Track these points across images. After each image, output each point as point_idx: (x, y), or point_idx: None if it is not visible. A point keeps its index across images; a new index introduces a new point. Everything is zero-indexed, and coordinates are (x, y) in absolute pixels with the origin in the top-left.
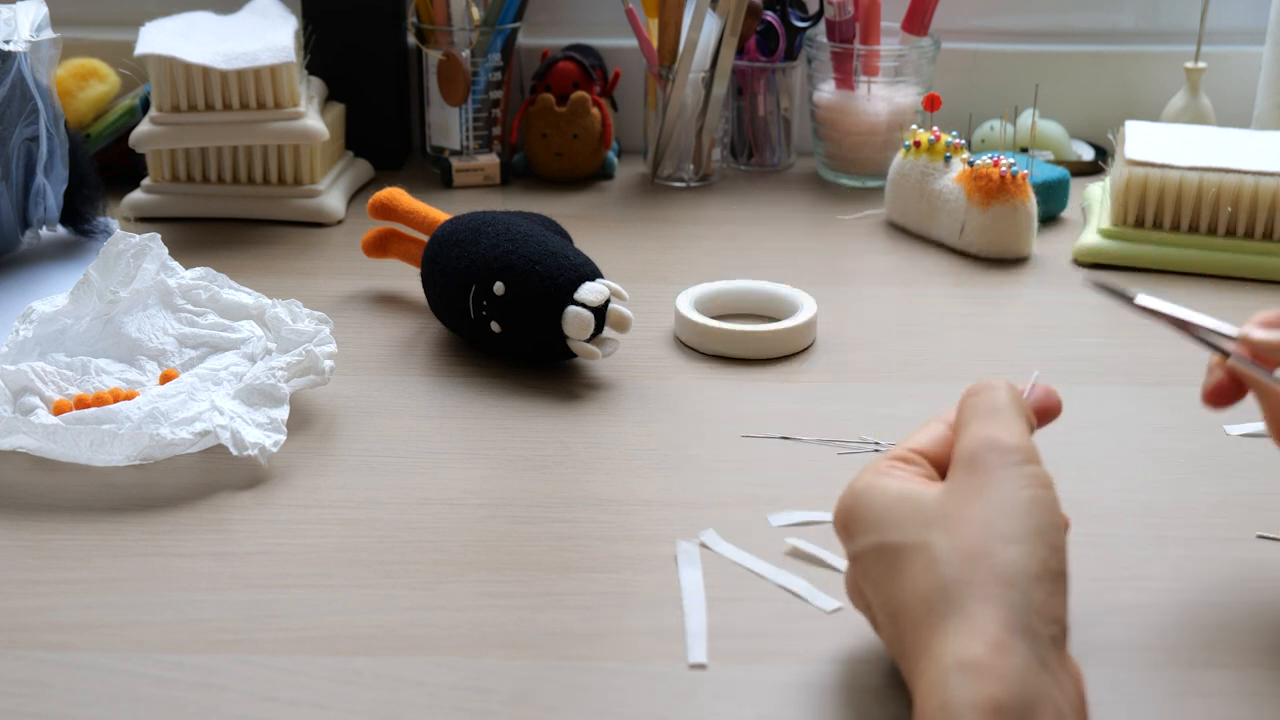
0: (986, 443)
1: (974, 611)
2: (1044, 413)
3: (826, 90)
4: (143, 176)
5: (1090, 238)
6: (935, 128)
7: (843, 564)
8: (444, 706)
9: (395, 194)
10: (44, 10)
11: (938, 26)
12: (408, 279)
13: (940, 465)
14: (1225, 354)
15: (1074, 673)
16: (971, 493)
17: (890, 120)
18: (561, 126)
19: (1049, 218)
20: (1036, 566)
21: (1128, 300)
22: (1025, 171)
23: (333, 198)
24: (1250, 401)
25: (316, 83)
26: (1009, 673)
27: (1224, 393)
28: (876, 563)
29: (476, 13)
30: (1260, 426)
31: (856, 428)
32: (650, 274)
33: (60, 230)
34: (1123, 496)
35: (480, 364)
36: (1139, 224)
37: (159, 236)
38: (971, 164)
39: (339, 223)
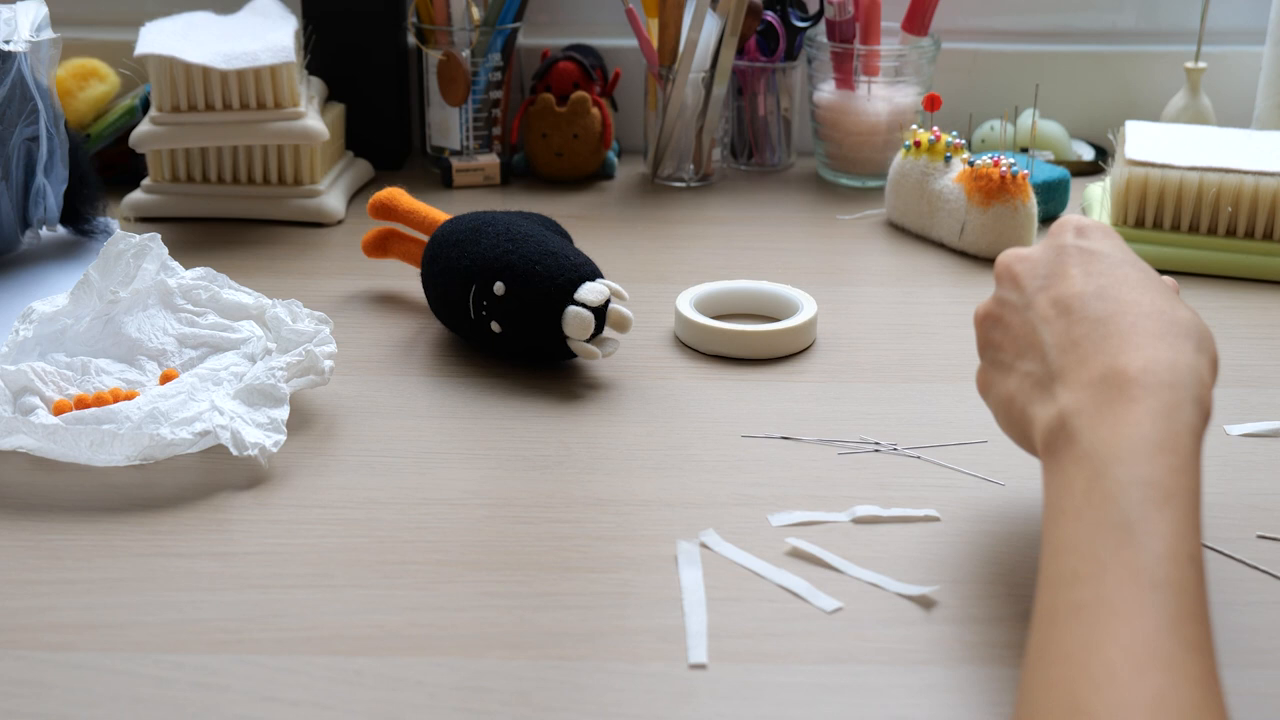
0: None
1: (1206, 358)
2: None
3: (826, 90)
4: (143, 176)
5: None
6: (935, 128)
7: (842, 564)
8: (444, 706)
9: (395, 194)
10: (44, 10)
11: (938, 26)
12: (408, 279)
13: None
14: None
15: None
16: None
17: (890, 120)
18: (561, 126)
19: (1049, 218)
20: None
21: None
22: (1025, 171)
23: (333, 198)
24: (1251, 401)
25: (316, 83)
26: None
27: None
28: (1115, 267)
29: (476, 13)
30: (1261, 426)
31: (856, 428)
32: (650, 274)
33: (60, 230)
34: None
35: (480, 364)
36: (1139, 224)
37: (159, 236)
38: (971, 164)
39: (339, 223)
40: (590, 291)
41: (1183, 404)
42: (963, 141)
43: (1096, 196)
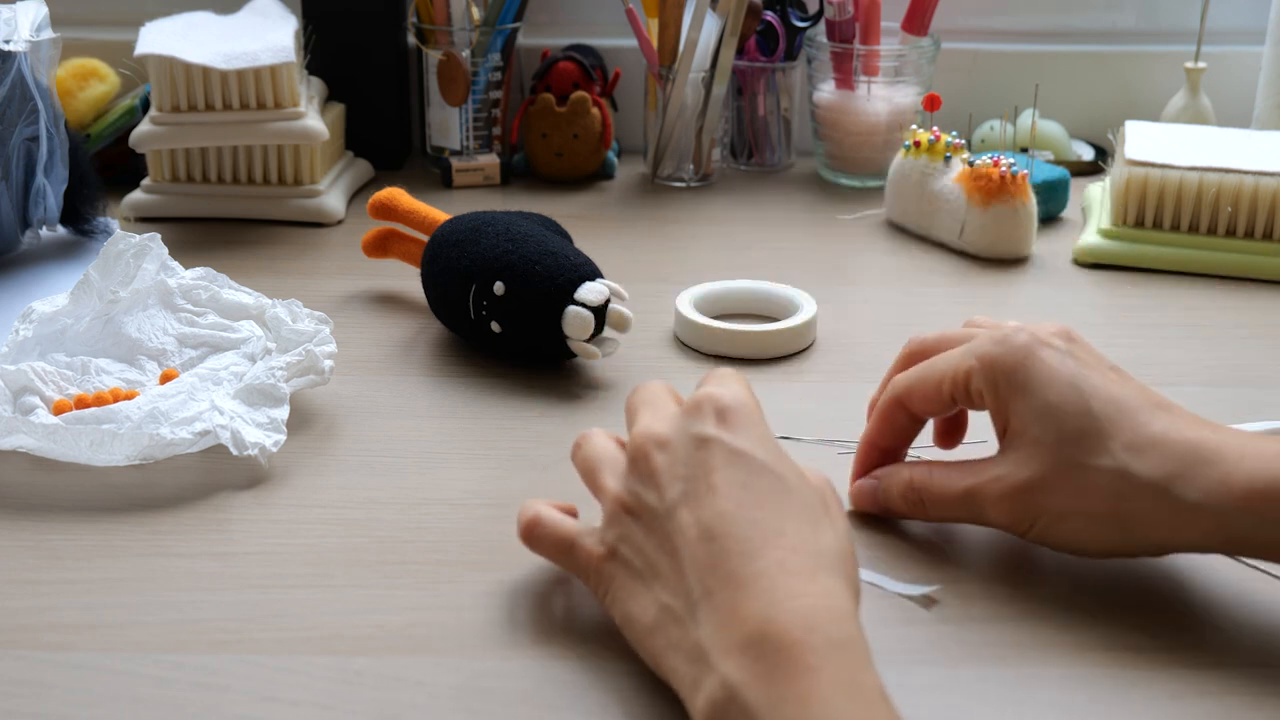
0: (827, 481)
1: (841, 589)
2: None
3: (826, 90)
4: (143, 176)
5: (1090, 238)
6: (935, 128)
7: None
8: (444, 706)
9: (395, 194)
10: (44, 10)
11: (938, 26)
12: (408, 279)
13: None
14: None
15: None
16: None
17: (890, 120)
18: (561, 126)
19: (1049, 218)
20: (858, 589)
21: None
22: (1025, 171)
23: (333, 198)
24: (1251, 401)
25: (316, 83)
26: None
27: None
28: (760, 475)
29: (476, 13)
30: (1261, 426)
31: (856, 428)
32: (650, 274)
33: (60, 230)
34: None
35: (480, 364)
36: (1139, 224)
37: (159, 236)
38: (971, 164)
39: (339, 223)
40: (590, 291)
41: (862, 664)
42: (962, 141)
43: (1096, 196)
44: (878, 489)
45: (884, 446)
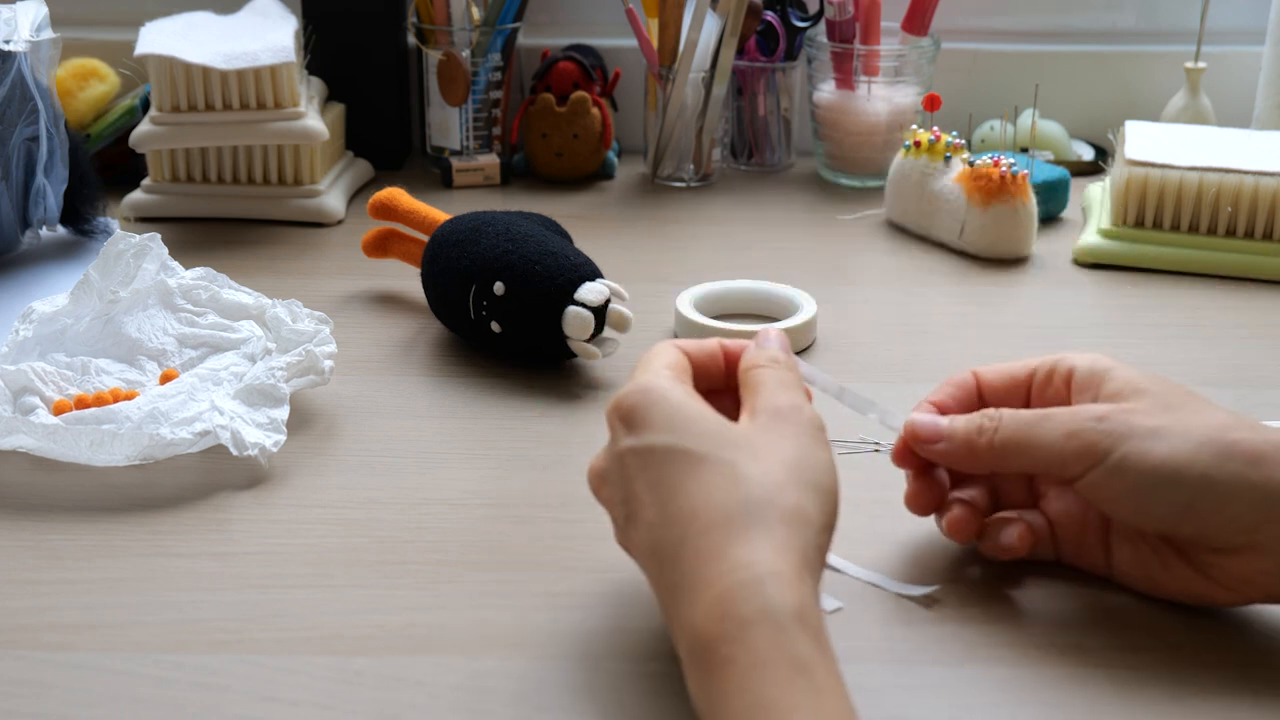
0: (793, 406)
1: (778, 535)
2: None
3: (826, 90)
4: (143, 176)
5: (1090, 238)
6: (935, 128)
7: (842, 563)
8: (444, 706)
9: (395, 194)
10: (44, 10)
11: (938, 26)
12: (408, 279)
13: (698, 374)
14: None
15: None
16: (781, 436)
17: (890, 120)
18: (561, 126)
19: (1049, 218)
20: (823, 517)
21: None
22: (1025, 171)
23: (333, 198)
24: (1251, 401)
25: (316, 83)
26: (807, 593)
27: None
28: (667, 462)
29: (476, 13)
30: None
31: (856, 428)
32: (650, 274)
33: (60, 230)
34: None
35: (480, 364)
36: (1139, 224)
37: (159, 236)
38: (971, 164)
39: (339, 223)
40: (590, 291)
41: (776, 636)
42: (963, 141)
43: (1096, 196)
44: (940, 422)
45: (943, 408)
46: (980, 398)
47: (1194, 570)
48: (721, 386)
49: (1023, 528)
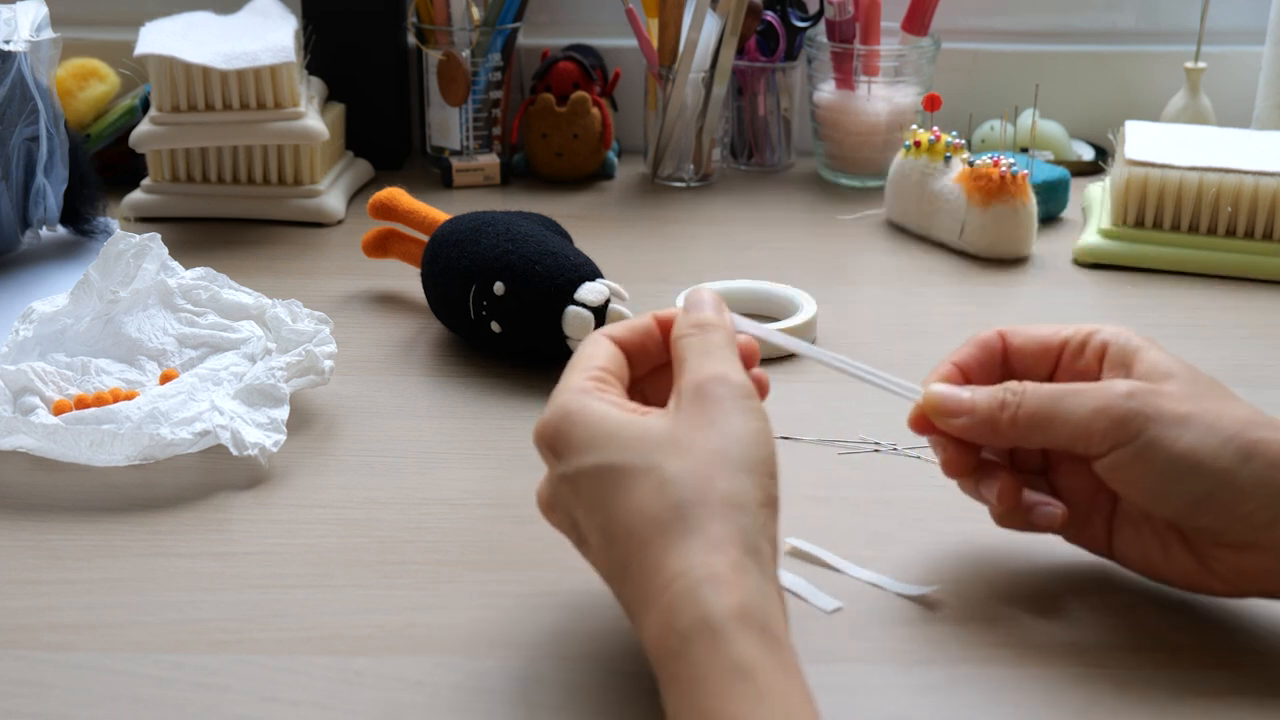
0: (715, 378)
1: (712, 532)
2: (747, 357)
3: (826, 90)
4: (143, 176)
5: (1090, 238)
6: (935, 128)
7: (842, 563)
8: (444, 706)
9: (395, 194)
10: (44, 10)
11: (938, 26)
12: (408, 279)
13: (636, 357)
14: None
15: (779, 589)
16: (702, 422)
17: (890, 120)
18: (561, 126)
19: (1049, 218)
20: (760, 494)
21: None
22: (1025, 171)
23: (333, 198)
24: (1250, 401)
25: (316, 83)
26: (750, 586)
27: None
28: (596, 483)
29: (476, 13)
30: None
31: (856, 428)
32: (650, 274)
33: (60, 230)
34: None
35: (480, 364)
36: (1139, 224)
37: (159, 236)
38: (971, 164)
39: (339, 223)
40: (590, 291)
41: (714, 646)
42: (963, 141)
43: (1096, 196)
44: (961, 389)
45: (966, 372)
46: (1005, 362)
47: (1195, 560)
48: (664, 360)
49: (1063, 513)
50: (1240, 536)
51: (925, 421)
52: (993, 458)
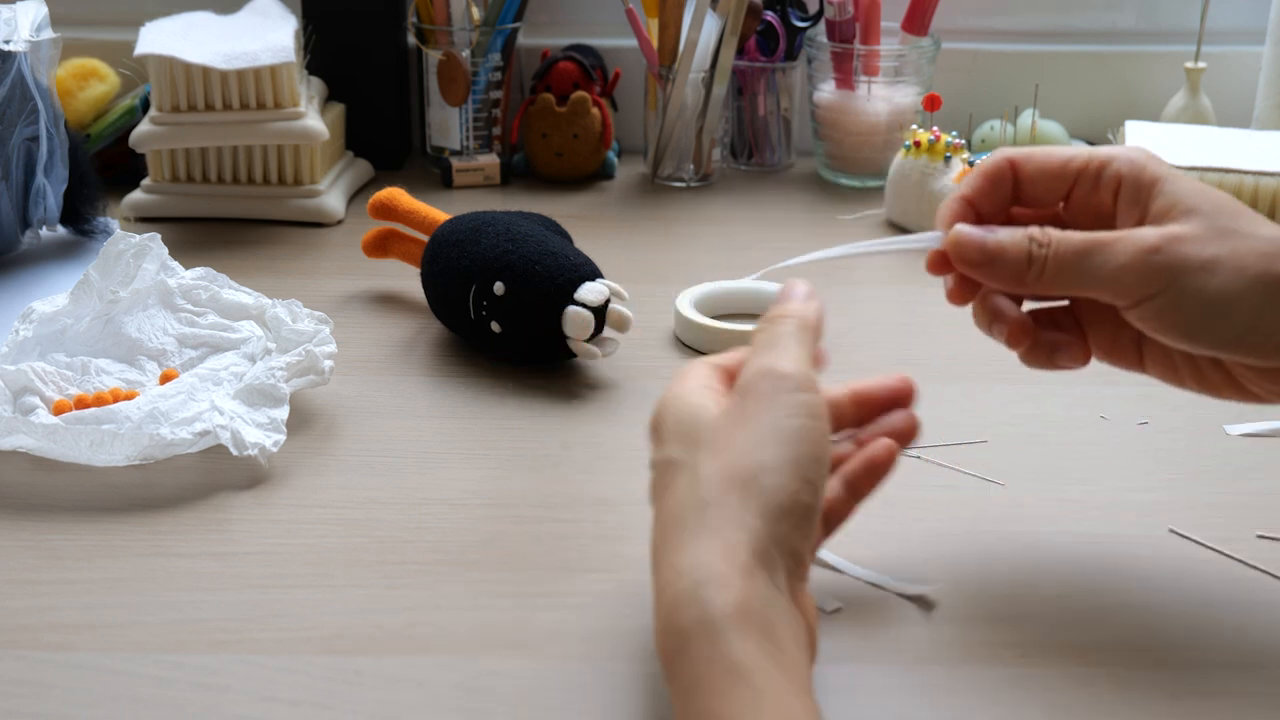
0: (761, 371)
1: (725, 535)
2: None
3: (826, 90)
4: (143, 176)
5: None
6: (935, 128)
7: (842, 563)
8: (444, 706)
9: (395, 194)
10: (44, 10)
11: (938, 26)
12: (408, 279)
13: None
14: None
15: (806, 608)
16: (742, 418)
17: (890, 120)
18: (561, 126)
19: None
20: (787, 499)
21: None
22: None
23: (333, 198)
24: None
25: (316, 83)
26: (755, 590)
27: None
28: (657, 474)
29: (476, 13)
30: (1261, 426)
31: None
32: (650, 274)
33: (60, 230)
34: (1123, 496)
35: (480, 364)
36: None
37: (159, 236)
38: (971, 164)
39: (339, 223)
40: (590, 291)
41: (713, 644)
42: (963, 141)
43: None
44: (987, 236)
45: (977, 205)
46: (1015, 191)
47: (1228, 379)
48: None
49: (1086, 355)
50: (1275, 363)
51: (944, 261)
52: (1003, 300)
